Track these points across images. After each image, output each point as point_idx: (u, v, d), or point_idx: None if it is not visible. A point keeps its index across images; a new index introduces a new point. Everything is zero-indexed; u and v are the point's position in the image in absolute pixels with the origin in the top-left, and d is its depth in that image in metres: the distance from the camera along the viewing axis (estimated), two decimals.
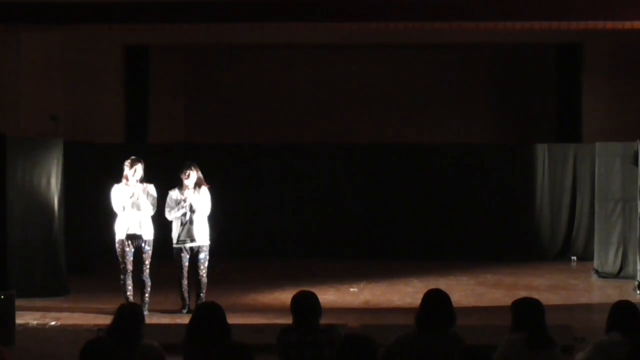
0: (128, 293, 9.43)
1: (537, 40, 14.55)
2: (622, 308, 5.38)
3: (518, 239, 14.07)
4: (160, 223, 9.67)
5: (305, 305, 5.42)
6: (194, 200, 9.41)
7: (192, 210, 9.42)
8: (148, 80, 15.86)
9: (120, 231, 9.35)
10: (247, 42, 15.05)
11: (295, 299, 5.48)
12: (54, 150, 10.84)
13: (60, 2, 10.97)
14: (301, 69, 16.76)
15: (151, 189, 9.44)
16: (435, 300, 5.23)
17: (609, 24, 10.73)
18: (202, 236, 9.49)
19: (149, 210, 9.36)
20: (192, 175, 9.45)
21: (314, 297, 5.47)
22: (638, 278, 11.06)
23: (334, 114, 16.64)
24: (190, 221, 9.43)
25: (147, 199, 9.34)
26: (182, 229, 9.47)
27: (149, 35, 14.32)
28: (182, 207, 9.41)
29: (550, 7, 10.67)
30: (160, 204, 9.53)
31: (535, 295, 7.37)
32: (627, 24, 10.66)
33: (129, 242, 9.33)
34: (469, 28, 11.40)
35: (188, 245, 9.48)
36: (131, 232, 9.30)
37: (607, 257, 12.23)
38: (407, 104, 16.72)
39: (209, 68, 17.04)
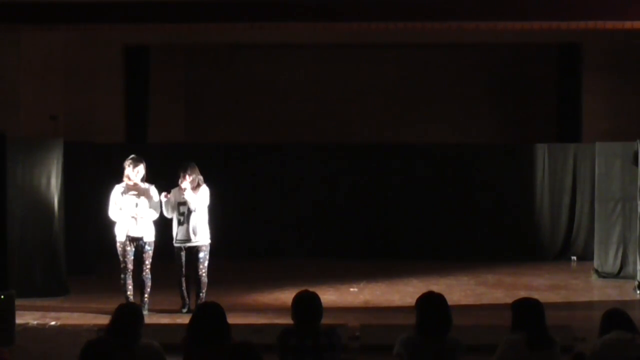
0: (128, 292, 9.42)
1: (537, 40, 14.55)
2: (613, 315, 5.39)
3: (518, 239, 14.06)
4: (162, 223, 9.67)
5: (307, 308, 5.37)
6: (192, 200, 9.39)
7: (190, 210, 9.42)
8: (148, 80, 15.86)
9: (121, 233, 9.35)
10: (247, 42, 15.05)
11: (296, 299, 5.44)
12: (54, 150, 10.83)
13: (60, 2, 10.97)
14: (301, 69, 16.76)
15: (153, 191, 9.43)
16: (430, 304, 5.22)
17: (609, 24, 10.73)
18: (201, 236, 9.48)
19: (152, 216, 9.37)
20: (187, 180, 9.43)
21: (315, 299, 5.43)
22: (638, 278, 11.06)
23: (334, 114, 16.64)
24: (189, 220, 9.43)
25: (151, 202, 9.34)
26: (181, 229, 9.47)
27: (149, 35, 14.32)
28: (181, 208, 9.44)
29: (550, 7, 10.67)
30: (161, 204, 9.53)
31: (535, 295, 7.35)
32: (627, 24, 10.67)
33: (130, 243, 9.33)
34: (469, 28, 11.40)
35: (187, 244, 9.48)
36: (131, 234, 9.31)
37: (607, 257, 12.23)
38: (406, 104, 16.72)
39: (209, 68, 17.04)
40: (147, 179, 9.47)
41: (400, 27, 11.39)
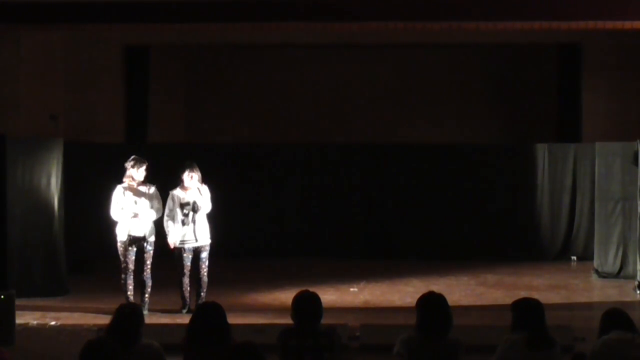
0: (129, 293, 9.43)
1: (537, 40, 14.54)
2: (613, 315, 5.40)
3: (518, 239, 14.06)
4: (162, 223, 9.65)
5: (307, 308, 5.37)
6: (198, 200, 9.42)
7: (195, 210, 9.42)
8: (148, 80, 15.85)
9: (122, 233, 9.36)
10: (247, 42, 15.04)
11: (296, 299, 5.44)
12: (54, 150, 10.83)
13: (60, 2, 10.97)
14: (301, 69, 16.75)
15: (155, 192, 9.42)
16: (431, 304, 5.21)
17: (609, 24, 10.73)
18: (204, 236, 9.51)
19: (153, 216, 9.37)
20: (195, 177, 9.45)
21: (315, 299, 5.43)
22: (638, 278, 11.06)
23: (334, 114, 16.63)
24: (193, 221, 9.43)
25: (152, 203, 9.33)
26: (185, 229, 9.46)
27: (149, 35, 14.32)
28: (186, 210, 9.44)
29: (550, 7, 10.67)
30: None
31: (535, 295, 7.37)
32: (627, 24, 10.66)
33: (131, 242, 9.33)
34: (469, 28, 11.39)
35: (191, 245, 9.48)
36: (133, 234, 9.31)
37: (607, 257, 12.23)
38: (407, 104, 16.71)
39: (209, 68, 17.04)
40: (149, 179, 9.48)
41: (400, 27, 11.38)
